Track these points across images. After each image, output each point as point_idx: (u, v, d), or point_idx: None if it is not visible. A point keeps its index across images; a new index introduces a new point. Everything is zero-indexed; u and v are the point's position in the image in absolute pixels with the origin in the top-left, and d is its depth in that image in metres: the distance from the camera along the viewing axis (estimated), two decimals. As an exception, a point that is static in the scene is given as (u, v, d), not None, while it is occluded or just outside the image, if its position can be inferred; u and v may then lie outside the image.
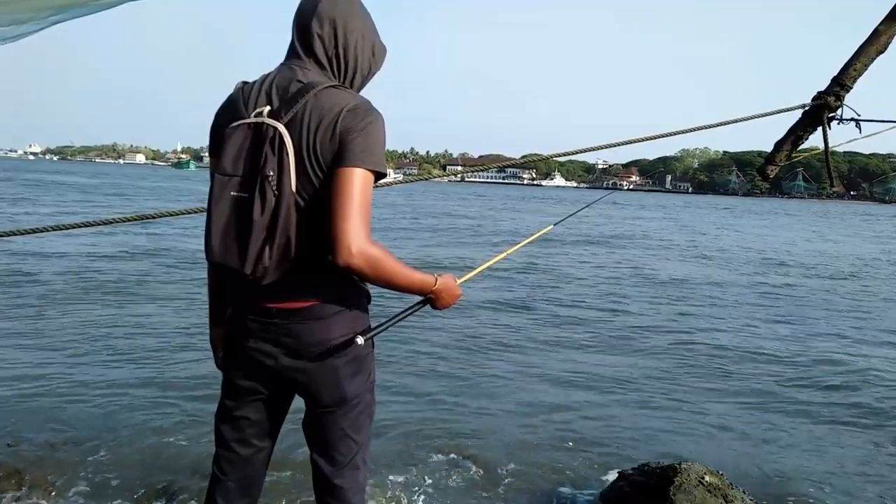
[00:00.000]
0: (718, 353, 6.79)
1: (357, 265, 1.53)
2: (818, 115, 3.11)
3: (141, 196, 33.49)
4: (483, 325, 7.59)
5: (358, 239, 1.52)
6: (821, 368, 6.38)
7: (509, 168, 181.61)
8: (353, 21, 1.70)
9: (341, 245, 1.52)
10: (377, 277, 1.58)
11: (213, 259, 1.58)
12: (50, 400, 4.49)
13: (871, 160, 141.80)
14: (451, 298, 1.79)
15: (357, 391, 1.76)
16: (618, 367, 6.12)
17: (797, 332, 8.15)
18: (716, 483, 3.02)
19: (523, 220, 29.62)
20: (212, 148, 1.71)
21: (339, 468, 1.78)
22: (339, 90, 1.63)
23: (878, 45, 2.99)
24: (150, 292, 8.57)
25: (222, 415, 1.82)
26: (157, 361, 5.49)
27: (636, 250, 17.95)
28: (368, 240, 1.54)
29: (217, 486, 1.83)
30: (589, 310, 8.98)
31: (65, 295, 8.06)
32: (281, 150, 1.54)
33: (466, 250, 15.86)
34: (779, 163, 3.28)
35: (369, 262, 1.54)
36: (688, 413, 4.93)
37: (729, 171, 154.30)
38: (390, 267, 1.59)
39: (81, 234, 13.32)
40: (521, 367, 5.94)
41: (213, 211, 1.57)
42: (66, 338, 6.09)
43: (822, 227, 36.72)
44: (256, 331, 1.68)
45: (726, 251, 19.03)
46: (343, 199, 1.53)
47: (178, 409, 4.43)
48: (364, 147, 1.56)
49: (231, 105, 1.68)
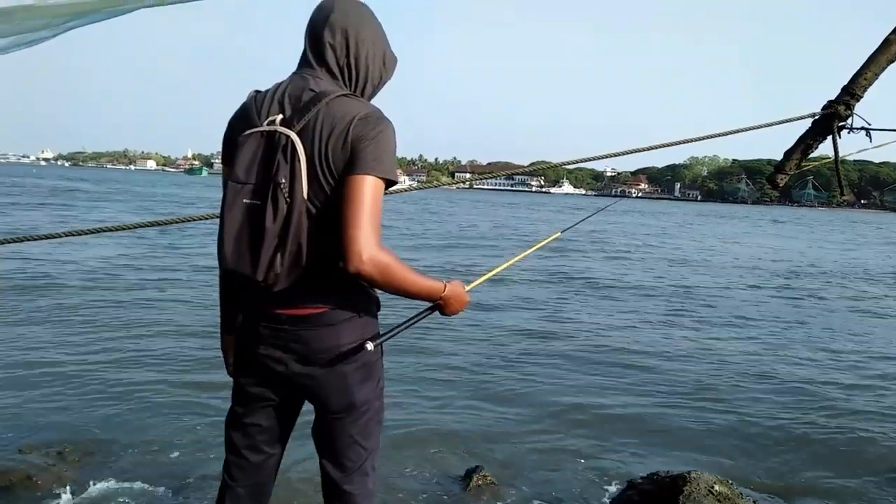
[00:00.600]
0: (731, 364, 6.76)
1: (368, 272, 1.55)
2: (828, 124, 3.10)
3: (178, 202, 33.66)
4: (491, 333, 7.58)
5: (369, 246, 1.54)
6: (838, 377, 6.34)
7: (518, 175, 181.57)
8: (364, 31, 1.72)
9: (352, 252, 1.53)
10: (387, 284, 1.60)
11: (225, 266, 1.60)
12: (62, 404, 4.52)
13: (882, 169, 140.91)
14: (460, 305, 1.80)
15: (366, 397, 1.77)
16: (628, 375, 6.10)
17: (818, 342, 8.11)
18: (725, 492, 3.01)
19: (534, 227, 29.60)
20: (225, 156, 1.73)
21: (349, 474, 1.79)
22: (351, 99, 1.65)
23: (888, 54, 2.98)
24: (165, 296, 8.62)
25: (232, 421, 1.83)
26: (170, 367, 5.52)
27: (650, 262, 17.90)
28: (379, 247, 1.56)
29: (227, 493, 1.84)
30: (598, 318, 8.96)
31: (82, 299, 8.12)
32: (293, 157, 1.56)
33: (476, 256, 15.87)
34: (788, 171, 3.27)
35: (380, 269, 1.56)
36: (698, 422, 4.91)
37: (738, 179, 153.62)
38: (400, 274, 1.61)
39: (97, 241, 13.42)
40: (530, 376, 5.92)
41: (225, 218, 1.59)
42: (80, 342, 6.13)
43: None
44: (267, 337, 1.69)
45: (754, 261, 18.96)
46: (354, 206, 1.55)
47: (189, 414, 4.45)
48: (375, 155, 1.58)
49: (244, 113, 1.70)
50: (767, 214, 71.00)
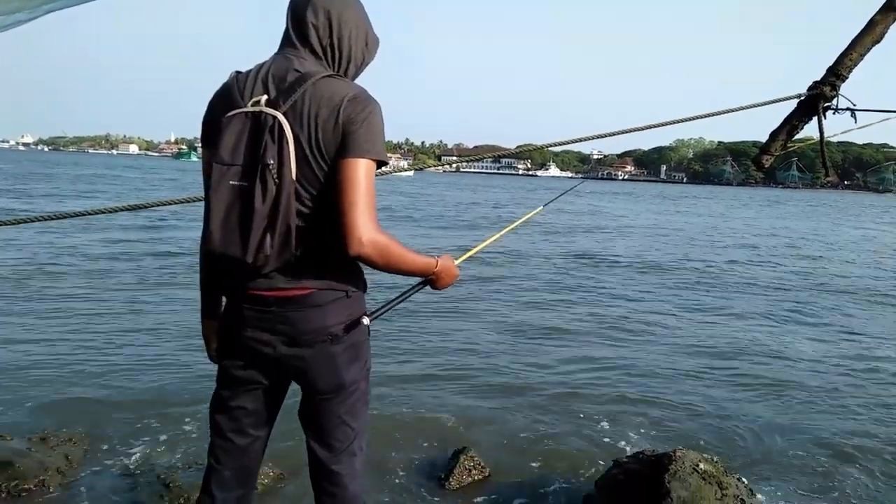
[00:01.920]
0: (718, 342, 6.83)
1: (368, 254, 1.58)
2: (814, 104, 3.10)
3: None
4: (481, 312, 7.61)
5: (367, 229, 1.56)
6: (832, 360, 6.43)
7: (504, 158, 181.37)
8: (347, 11, 1.71)
9: (352, 236, 1.56)
10: (386, 265, 1.63)
11: (212, 248, 1.58)
12: (50, 389, 4.49)
13: (865, 150, 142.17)
14: (450, 278, 1.87)
15: (354, 378, 1.77)
16: (616, 355, 6.14)
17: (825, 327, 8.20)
18: (710, 470, 3.03)
19: (519, 208, 29.67)
20: (206, 137, 1.70)
21: (337, 454, 1.79)
22: (337, 80, 1.64)
23: (873, 34, 2.98)
24: (159, 281, 8.56)
25: (218, 405, 1.82)
26: (157, 351, 5.49)
27: (643, 238, 17.99)
28: (377, 229, 1.58)
29: (213, 476, 1.83)
30: (587, 296, 9.00)
31: (76, 284, 8.05)
32: (281, 138, 1.54)
33: (468, 234, 15.87)
34: (774, 153, 3.28)
35: (379, 251, 1.59)
36: (683, 400, 4.96)
37: (723, 161, 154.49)
38: (398, 254, 1.64)
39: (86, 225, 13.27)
40: (517, 355, 5.96)
41: (212, 200, 1.57)
42: (73, 328, 6.08)
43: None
44: (253, 319, 1.68)
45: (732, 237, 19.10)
46: (350, 190, 1.56)
47: (175, 397, 4.44)
48: (367, 137, 1.59)
49: (226, 94, 1.67)
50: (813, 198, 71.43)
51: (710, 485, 2.97)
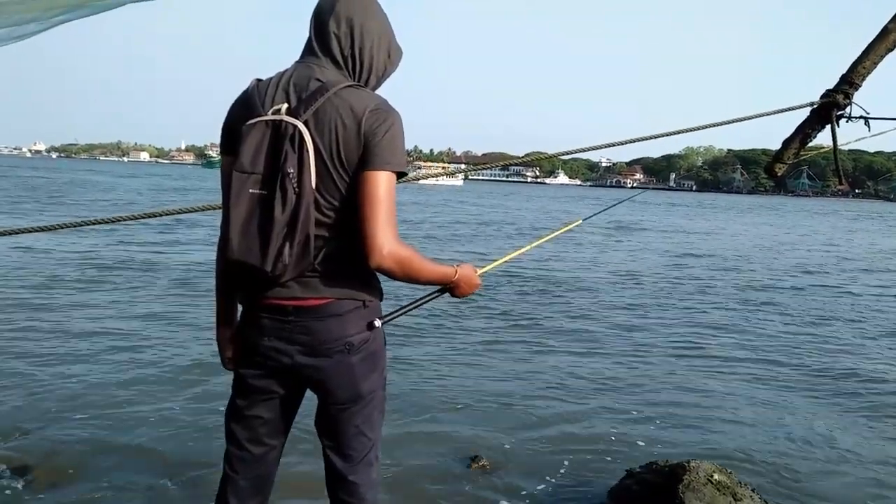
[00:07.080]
0: (729, 350, 6.79)
1: (388, 266, 1.60)
2: (827, 113, 3.10)
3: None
4: (499, 322, 7.59)
5: (388, 241, 1.58)
6: (840, 368, 6.38)
7: (513, 166, 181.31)
8: (369, 21, 1.70)
9: (373, 248, 1.57)
10: (406, 276, 1.64)
11: (232, 257, 1.58)
12: (61, 394, 4.50)
13: (877, 158, 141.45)
14: (470, 288, 1.86)
15: (372, 388, 1.77)
16: (627, 365, 6.11)
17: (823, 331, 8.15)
18: (725, 481, 3.02)
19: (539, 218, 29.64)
20: (226, 145, 1.70)
21: (353, 464, 1.79)
22: (359, 90, 1.65)
23: (887, 42, 2.98)
24: (168, 288, 8.60)
25: (234, 414, 1.82)
26: (170, 357, 5.51)
27: (650, 240, 17.93)
28: (398, 241, 1.60)
29: (229, 485, 1.84)
30: (599, 308, 8.97)
31: (82, 288, 8.09)
32: (301, 147, 1.55)
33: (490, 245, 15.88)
34: (787, 161, 3.28)
35: (400, 263, 1.61)
36: (698, 410, 4.93)
37: (733, 168, 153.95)
38: (418, 265, 1.66)
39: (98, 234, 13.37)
40: (529, 365, 5.93)
41: (231, 208, 1.58)
42: (81, 334, 6.11)
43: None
44: (271, 329, 1.69)
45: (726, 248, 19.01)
46: (372, 202, 1.57)
47: (191, 406, 4.44)
48: (389, 149, 1.60)
49: (246, 102, 1.68)
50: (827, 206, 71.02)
51: (725, 496, 2.95)
